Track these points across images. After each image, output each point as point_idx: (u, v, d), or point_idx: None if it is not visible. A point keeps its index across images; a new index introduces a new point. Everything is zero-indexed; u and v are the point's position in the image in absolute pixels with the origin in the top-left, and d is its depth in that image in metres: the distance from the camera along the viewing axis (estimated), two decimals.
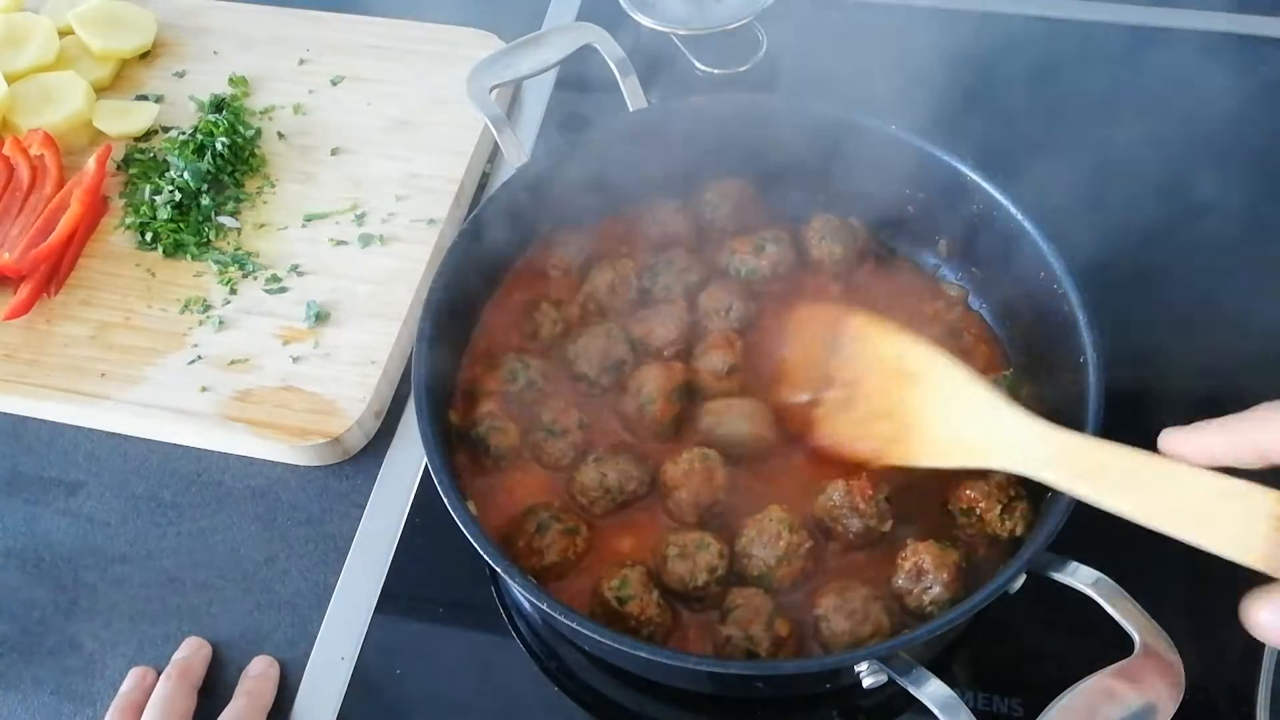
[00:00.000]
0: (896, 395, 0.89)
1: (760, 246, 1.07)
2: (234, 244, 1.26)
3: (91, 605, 1.05)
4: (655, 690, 0.94)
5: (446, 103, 1.37)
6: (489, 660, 0.98)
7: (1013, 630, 0.94)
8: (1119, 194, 1.20)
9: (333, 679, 0.97)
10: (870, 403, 0.91)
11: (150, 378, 1.15)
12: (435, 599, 1.01)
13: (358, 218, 1.27)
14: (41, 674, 1.01)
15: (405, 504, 1.07)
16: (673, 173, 1.12)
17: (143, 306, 1.21)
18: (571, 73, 1.30)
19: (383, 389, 1.14)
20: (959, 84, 1.22)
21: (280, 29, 1.47)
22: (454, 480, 0.86)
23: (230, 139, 1.31)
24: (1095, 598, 0.78)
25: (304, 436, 1.09)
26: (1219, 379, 1.09)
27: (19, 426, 1.16)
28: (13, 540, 1.09)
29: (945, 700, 0.75)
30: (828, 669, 0.81)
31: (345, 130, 1.36)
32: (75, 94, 1.36)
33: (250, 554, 1.07)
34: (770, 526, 0.88)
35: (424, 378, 0.91)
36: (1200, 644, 0.89)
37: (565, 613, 0.80)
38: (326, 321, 1.18)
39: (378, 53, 1.44)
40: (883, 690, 0.79)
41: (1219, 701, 0.91)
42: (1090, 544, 0.81)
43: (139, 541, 1.08)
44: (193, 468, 1.12)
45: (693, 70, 1.37)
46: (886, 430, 0.89)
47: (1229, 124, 1.25)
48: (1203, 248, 1.17)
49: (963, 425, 0.85)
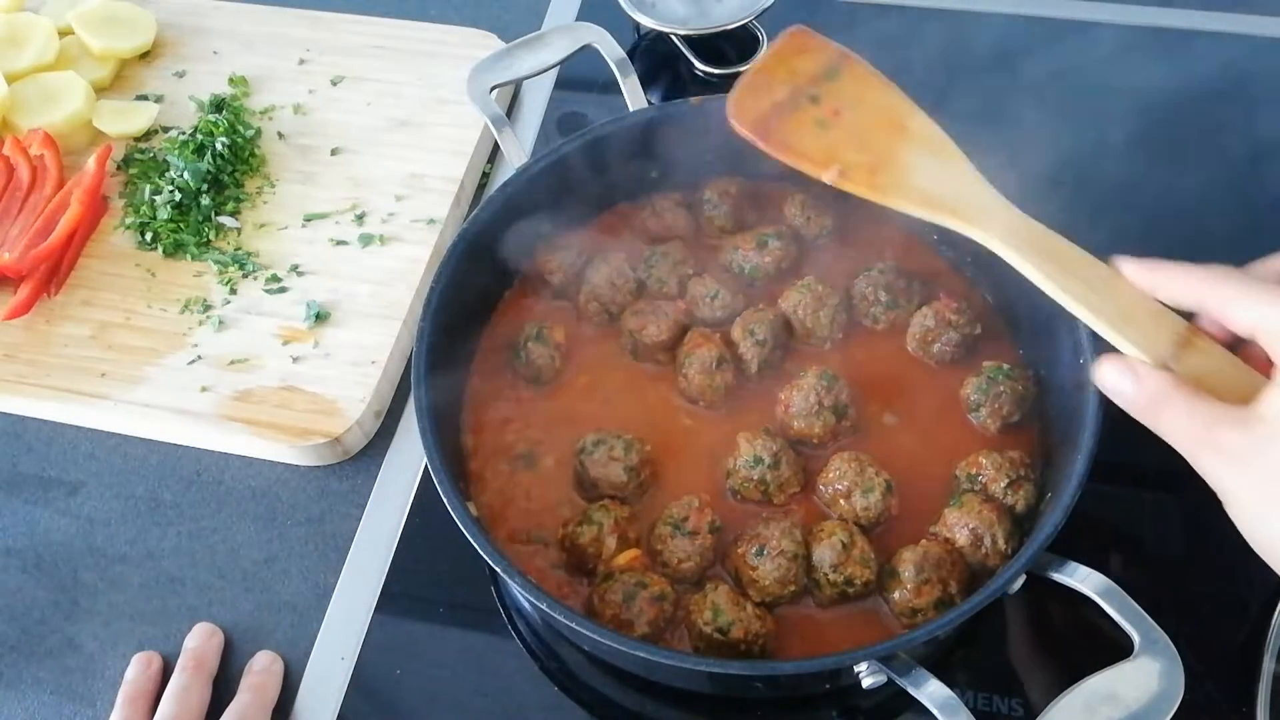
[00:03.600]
0: (882, 136, 0.91)
1: (763, 243, 1.08)
2: (234, 244, 1.26)
3: (91, 605, 1.05)
4: (655, 690, 0.94)
5: (446, 103, 1.37)
6: (489, 660, 0.98)
7: (1013, 630, 0.94)
8: (1120, 196, 1.20)
9: (333, 679, 0.97)
10: (851, 133, 0.92)
11: (150, 378, 1.15)
12: (435, 599, 1.01)
13: (358, 218, 1.27)
14: (41, 674, 1.01)
15: (405, 504, 1.07)
16: (672, 172, 1.13)
17: (143, 306, 1.21)
18: (571, 73, 1.30)
19: (383, 389, 1.14)
20: (958, 84, 1.22)
21: (280, 29, 1.47)
22: (454, 480, 0.86)
23: (230, 139, 1.31)
24: (1095, 598, 0.78)
25: (304, 436, 1.09)
26: None
27: (19, 426, 1.16)
28: (13, 540, 1.09)
29: (945, 701, 0.75)
30: (827, 669, 0.81)
31: (345, 130, 1.36)
32: (75, 94, 1.36)
33: (250, 554, 1.07)
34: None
35: (424, 378, 0.92)
36: (1200, 644, 0.90)
37: (565, 613, 0.80)
38: (326, 321, 1.18)
39: (378, 53, 1.44)
40: (882, 690, 0.79)
41: (1219, 701, 0.91)
42: (1090, 544, 0.81)
43: (139, 541, 1.08)
44: (193, 468, 1.13)
45: (693, 70, 1.37)
46: (862, 159, 0.91)
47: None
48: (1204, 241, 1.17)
49: (938, 182, 0.89)
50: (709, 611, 0.85)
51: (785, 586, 0.88)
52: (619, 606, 0.86)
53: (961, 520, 0.89)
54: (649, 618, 0.86)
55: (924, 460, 0.97)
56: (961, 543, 0.89)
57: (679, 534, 0.90)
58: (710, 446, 0.99)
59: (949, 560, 0.88)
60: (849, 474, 0.93)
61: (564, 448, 0.98)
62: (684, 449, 0.99)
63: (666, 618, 0.87)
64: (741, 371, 1.02)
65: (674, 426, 1.01)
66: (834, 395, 0.96)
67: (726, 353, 1.01)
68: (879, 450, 0.96)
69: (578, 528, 0.91)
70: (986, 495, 0.92)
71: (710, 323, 1.05)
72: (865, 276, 1.06)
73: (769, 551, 0.88)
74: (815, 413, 0.96)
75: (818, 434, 0.96)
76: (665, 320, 1.04)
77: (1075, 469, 0.84)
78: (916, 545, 0.89)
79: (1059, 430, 0.94)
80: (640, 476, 0.95)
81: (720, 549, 0.92)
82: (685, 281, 1.08)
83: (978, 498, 0.91)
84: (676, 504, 0.92)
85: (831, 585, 0.88)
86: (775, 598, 0.88)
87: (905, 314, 1.04)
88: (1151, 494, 1.02)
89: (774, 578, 0.87)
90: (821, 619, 0.90)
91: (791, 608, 0.90)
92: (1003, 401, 0.97)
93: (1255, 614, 0.93)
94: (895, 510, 0.93)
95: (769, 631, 0.86)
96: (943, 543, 0.90)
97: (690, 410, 1.02)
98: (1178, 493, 1.03)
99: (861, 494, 0.92)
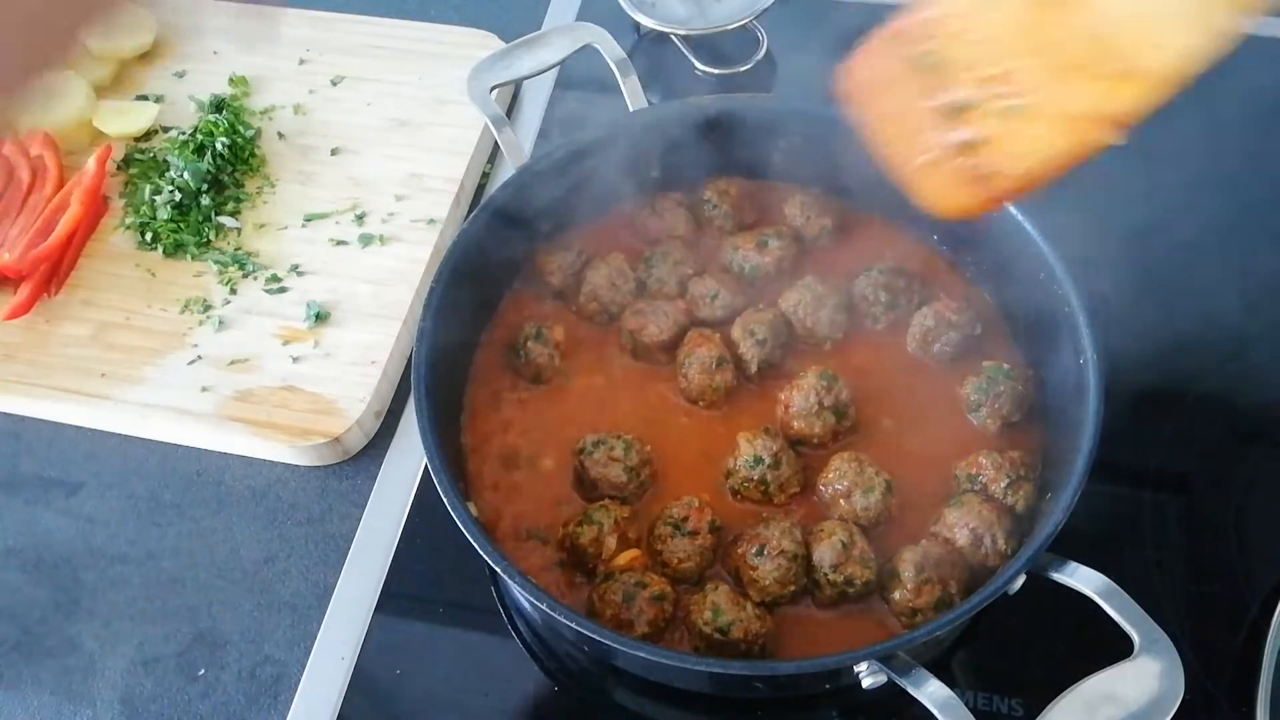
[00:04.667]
0: (1065, 26, 0.63)
1: (763, 243, 1.08)
2: (234, 244, 1.26)
3: (91, 605, 1.05)
4: (655, 690, 0.94)
5: (446, 103, 1.37)
6: (489, 660, 0.98)
7: (1013, 630, 0.94)
8: (1119, 194, 1.20)
9: (333, 679, 0.97)
10: (1047, 58, 0.64)
11: (150, 378, 1.15)
12: (435, 599, 1.01)
13: (358, 218, 1.27)
14: (41, 674, 1.01)
15: (405, 504, 1.07)
16: (672, 172, 1.13)
17: (143, 306, 1.21)
18: (571, 73, 1.30)
19: (383, 389, 1.14)
20: None
21: (280, 29, 1.47)
22: (454, 480, 0.86)
23: (230, 139, 1.31)
24: (1095, 598, 0.78)
25: (304, 436, 1.09)
26: (1219, 378, 1.09)
27: (19, 426, 1.16)
28: (13, 540, 1.09)
29: (945, 700, 0.75)
30: (827, 669, 0.81)
31: (345, 130, 1.36)
32: (75, 94, 1.36)
33: (250, 554, 1.07)
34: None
35: (424, 377, 0.92)
36: (1200, 644, 0.90)
37: (565, 613, 0.80)
38: (326, 321, 1.18)
39: (378, 53, 1.44)
40: (882, 690, 0.79)
41: (1219, 701, 0.91)
42: (1090, 544, 0.81)
43: (139, 541, 1.08)
44: (193, 468, 1.12)
45: (693, 70, 1.37)
46: (1097, 85, 0.63)
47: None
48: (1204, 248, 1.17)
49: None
50: (709, 611, 0.85)
51: (785, 586, 0.88)
52: (619, 606, 0.86)
53: (961, 520, 0.89)
54: (649, 618, 0.86)
55: (924, 460, 0.97)
56: (961, 543, 0.89)
57: (679, 534, 0.90)
58: (710, 446, 0.99)
59: (949, 560, 0.88)
60: (849, 474, 0.93)
61: (564, 448, 0.98)
62: (684, 449, 0.99)
63: (666, 618, 0.87)
64: (741, 371, 1.02)
65: (674, 426, 1.01)
66: (834, 395, 0.96)
67: (726, 353, 1.01)
68: (879, 450, 0.96)
69: (578, 528, 0.91)
70: (986, 495, 0.92)
71: (710, 323, 1.05)
72: (865, 276, 1.06)
73: (769, 551, 0.88)
74: (815, 413, 0.96)
75: (818, 434, 0.96)
76: (665, 320, 1.04)
77: (1075, 469, 0.84)
78: (916, 545, 0.89)
79: (1059, 430, 0.94)
80: (640, 476, 0.95)
81: (720, 549, 0.92)
82: (685, 281, 1.08)
83: (978, 498, 0.91)
84: (676, 504, 0.92)
85: (831, 585, 0.88)
86: (775, 598, 0.88)
87: (905, 314, 1.04)
88: (1151, 494, 1.03)
89: (774, 578, 0.87)
90: (821, 619, 0.90)
91: (791, 608, 0.90)
92: (1003, 401, 0.97)
93: (1255, 614, 0.93)
94: (895, 510, 0.93)
95: (769, 631, 0.86)
96: (943, 543, 0.90)
97: (690, 410, 1.02)
98: (1178, 493, 1.03)
99: (861, 494, 0.92)
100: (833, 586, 0.88)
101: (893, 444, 0.98)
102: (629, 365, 1.05)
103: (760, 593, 0.88)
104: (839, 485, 0.93)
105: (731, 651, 0.84)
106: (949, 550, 0.89)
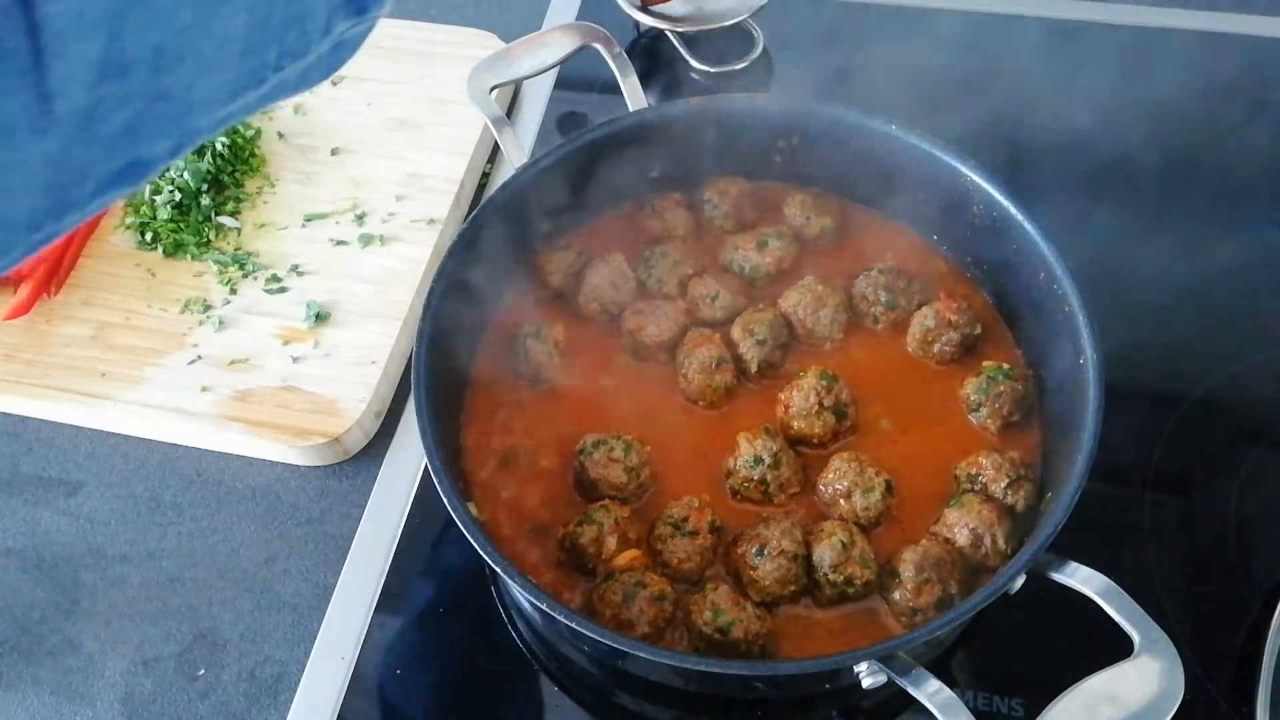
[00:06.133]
0: None
1: (763, 243, 1.08)
2: (234, 244, 1.26)
3: (91, 605, 1.05)
4: (655, 690, 0.94)
5: (446, 103, 1.37)
6: (489, 660, 0.98)
7: (1013, 630, 0.94)
8: (1118, 195, 1.20)
9: (333, 679, 0.97)
10: None
11: (150, 378, 1.15)
12: (435, 599, 1.01)
13: (358, 218, 1.27)
14: (41, 674, 1.01)
15: (405, 504, 1.07)
16: (672, 172, 1.13)
17: (143, 306, 1.21)
18: (571, 73, 1.30)
19: (383, 389, 1.14)
20: (956, 83, 1.22)
21: None
22: (454, 480, 0.86)
23: (230, 139, 1.31)
24: (1095, 598, 0.78)
25: (304, 436, 1.09)
26: (1219, 378, 1.09)
27: (19, 426, 1.16)
28: (13, 540, 1.09)
29: (945, 701, 0.75)
30: (827, 669, 0.82)
31: (345, 130, 1.36)
32: None
33: (250, 554, 1.07)
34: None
35: (424, 378, 0.91)
36: (1200, 644, 0.90)
37: (565, 613, 0.80)
38: (326, 321, 1.18)
39: (378, 53, 1.43)
40: (882, 690, 0.79)
41: (1219, 701, 0.91)
42: (1090, 544, 0.81)
43: (139, 541, 1.08)
44: (193, 468, 1.12)
45: (689, 69, 1.37)
46: None
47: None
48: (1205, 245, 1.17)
49: None
50: (709, 611, 0.85)
51: (785, 586, 0.88)
52: (619, 606, 0.86)
53: (961, 520, 0.89)
54: (649, 618, 0.86)
55: (924, 460, 0.97)
56: (961, 543, 0.89)
57: (679, 534, 0.90)
58: (710, 446, 0.99)
59: (949, 560, 0.88)
60: (849, 474, 0.93)
61: (564, 448, 0.98)
62: (684, 449, 0.99)
63: (666, 618, 0.87)
64: (741, 371, 1.02)
65: (674, 426, 1.01)
66: (834, 395, 0.96)
67: (726, 353, 1.01)
68: (879, 450, 0.96)
69: (578, 528, 0.91)
70: (986, 495, 0.92)
71: (710, 323, 1.05)
72: (865, 276, 1.06)
73: (769, 551, 0.88)
74: (815, 413, 0.96)
75: (818, 434, 0.96)
76: (665, 320, 1.04)
77: (1075, 469, 0.84)
78: (916, 545, 0.89)
79: (1059, 430, 0.94)
80: (640, 477, 0.95)
81: (720, 549, 0.92)
82: (685, 281, 1.08)
83: (978, 498, 0.91)
84: (676, 504, 0.92)
85: (831, 585, 0.88)
86: (775, 598, 0.88)
87: (905, 314, 1.04)
88: (1151, 494, 1.03)
89: (774, 578, 0.87)
90: (821, 619, 0.90)
91: (791, 608, 0.90)
92: (1003, 401, 0.97)
93: (1255, 614, 0.94)
94: (895, 510, 0.93)
95: (769, 631, 0.86)
96: (943, 543, 0.90)
97: (690, 410, 1.02)
98: (1178, 493, 1.03)
99: (861, 494, 0.92)
100: (833, 586, 0.88)
101: (893, 444, 0.98)
102: (629, 365, 1.05)
103: (760, 593, 0.88)
104: (839, 485, 0.93)
105: (731, 651, 0.84)
106: (949, 550, 0.89)
